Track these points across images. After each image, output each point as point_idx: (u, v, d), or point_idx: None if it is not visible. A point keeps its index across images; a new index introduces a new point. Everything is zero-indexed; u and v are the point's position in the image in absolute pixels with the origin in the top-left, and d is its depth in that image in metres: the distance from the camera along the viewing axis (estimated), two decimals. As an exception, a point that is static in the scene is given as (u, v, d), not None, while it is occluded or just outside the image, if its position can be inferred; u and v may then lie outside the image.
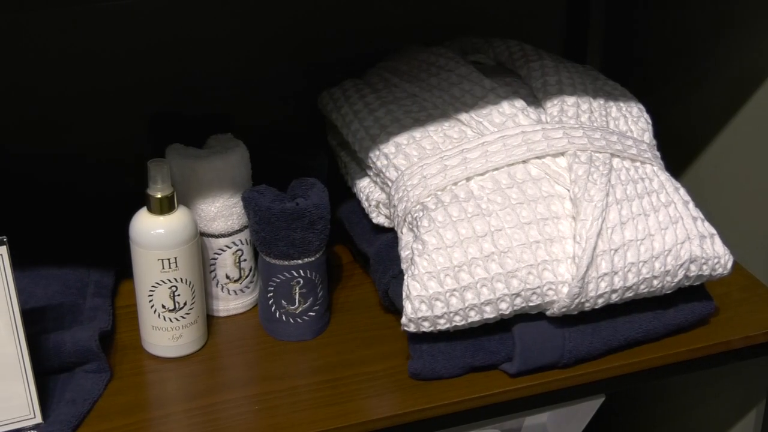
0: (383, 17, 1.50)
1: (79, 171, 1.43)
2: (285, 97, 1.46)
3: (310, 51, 1.48)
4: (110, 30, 1.40)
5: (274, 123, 1.37)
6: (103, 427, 1.10)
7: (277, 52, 1.48)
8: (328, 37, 1.48)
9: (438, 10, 1.53)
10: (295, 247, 1.17)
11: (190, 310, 1.17)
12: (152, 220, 1.14)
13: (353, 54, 1.45)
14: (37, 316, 1.19)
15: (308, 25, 1.47)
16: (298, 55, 1.48)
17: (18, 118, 1.41)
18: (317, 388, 1.16)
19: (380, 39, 1.48)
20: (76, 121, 1.43)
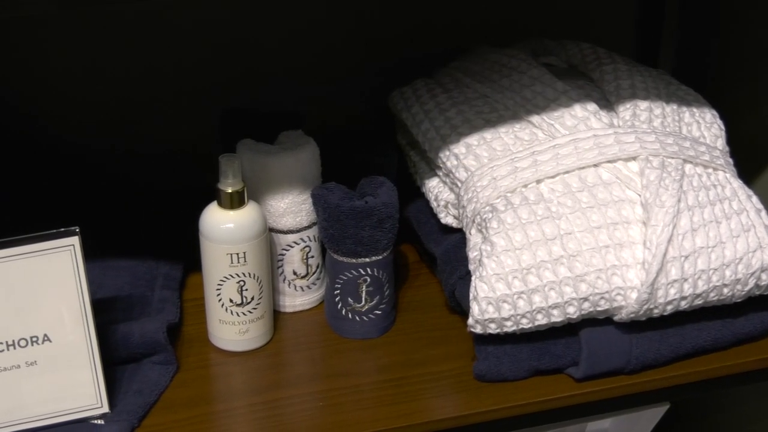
0: (455, 17, 1.50)
1: (151, 164, 1.45)
2: (355, 95, 1.47)
3: (381, 50, 1.48)
4: (187, 25, 1.41)
5: (344, 121, 1.37)
6: (169, 418, 1.11)
7: (349, 51, 1.48)
8: (400, 37, 1.49)
9: (509, 11, 1.52)
10: (363, 245, 1.17)
11: (258, 305, 1.18)
12: (222, 215, 1.14)
13: (424, 53, 1.45)
14: (107, 306, 1.20)
15: (380, 23, 1.48)
16: (369, 54, 1.49)
17: (93, 111, 1.43)
18: (381, 387, 1.16)
19: (452, 39, 1.48)
20: (149, 114, 1.44)
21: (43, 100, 1.41)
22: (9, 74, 1.39)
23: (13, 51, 1.37)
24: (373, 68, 1.48)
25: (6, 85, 1.39)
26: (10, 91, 1.39)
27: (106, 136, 1.44)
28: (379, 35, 1.48)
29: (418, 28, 1.49)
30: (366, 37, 1.48)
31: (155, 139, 1.45)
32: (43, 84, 1.40)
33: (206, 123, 1.37)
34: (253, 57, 1.44)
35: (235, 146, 1.22)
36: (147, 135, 1.45)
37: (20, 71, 1.39)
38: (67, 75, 1.41)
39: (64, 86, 1.41)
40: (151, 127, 1.45)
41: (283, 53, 1.46)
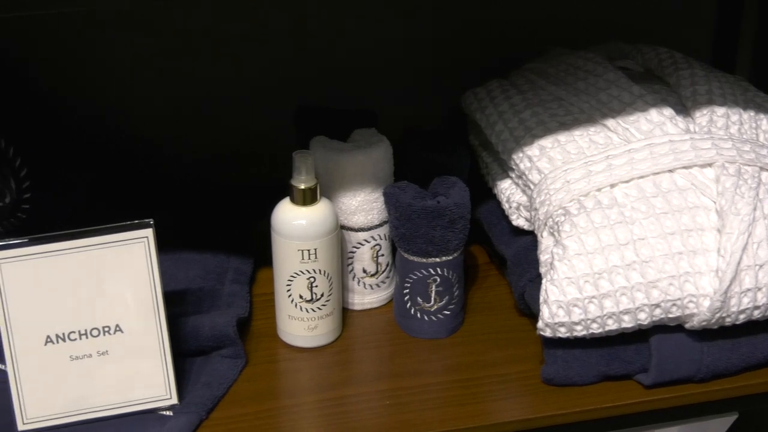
0: (530, 18, 1.50)
1: (226, 160, 1.46)
2: (429, 95, 1.47)
3: (456, 50, 1.48)
4: (263, 23, 1.42)
5: (417, 120, 1.37)
6: (236, 412, 1.12)
7: (422, 50, 1.48)
8: (474, 37, 1.48)
9: (585, 14, 1.51)
10: (433, 245, 1.17)
11: (327, 302, 1.18)
12: (294, 211, 1.15)
13: (499, 54, 1.45)
14: (178, 298, 1.21)
15: (454, 24, 1.48)
16: (443, 54, 1.49)
17: (170, 108, 1.44)
18: (448, 387, 1.15)
19: (527, 41, 1.48)
20: (226, 111, 1.45)
21: (120, 99, 1.43)
22: (85, 72, 1.40)
23: (87, 50, 1.39)
24: (447, 68, 1.48)
25: (82, 83, 1.41)
26: (86, 90, 1.41)
27: (183, 133, 1.45)
28: (454, 36, 1.48)
29: (494, 28, 1.49)
30: (441, 38, 1.48)
31: (231, 135, 1.46)
32: (120, 82, 1.42)
33: (281, 120, 1.38)
34: (328, 55, 1.45)
35: (309, 143, 1.22)
36: (223, 131, 1.46)
37: (97, 70, 1.40)
38: (144, 72, 1.42)
39: (140, 84, 1.43)
40: (228, 123, 1.46)
41: (358, 52, 1.46)
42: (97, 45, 1.39)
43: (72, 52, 1.39)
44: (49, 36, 1.37)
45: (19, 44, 1.33)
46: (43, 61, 1.37)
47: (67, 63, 1.39)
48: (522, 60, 1.38)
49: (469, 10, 1.47)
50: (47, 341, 1.07)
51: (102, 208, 1.28)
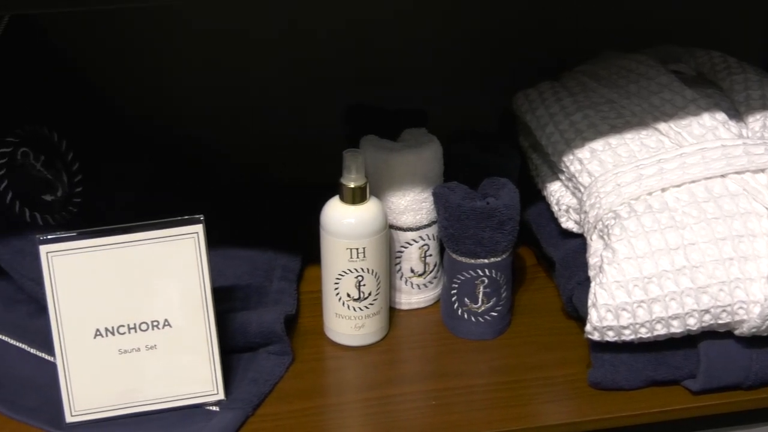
0: (582, 21, 1.49)
1: (276, 157, 1.46)
2: (479, 96, 1.46)
3: (507, 52, 1.48)
4: (316, 20, 1.42)
5: (467, 121, 1.37)
6: (282, 408, 1.12)
7: (475, 52, 1.48)
8: (525, 38, 1.48)
9: (638, 17, 1.51)
10: (482, 246, 1.16)
11: (374, 301, 1.18)
12: (344, 210, 1.15)
13: (551, 56, 1.44)
14: (226, 294, 1.22)
15: (506, 26, 1.47)
16: (495, 55, 1.48)
17: (217, 103, 1.44)
18: (495, 389, 1.15)
19: (578, 43, 1.47)
20: (276, 108, 1.46)
21: (170, 95, 1.43)
22: (136, 67, 1.41)
23: (139, 45, 1.40)
24: (498, 69, 1.48)
25: (133, 78, 1.42)
26: (137, 85, 1.42)
27: (234, 130, 1.46)
28: (506, 37, 1.48)
29: (545, 30, 1.48)
30: (492, 39, 1.47)
31: (281, 132, 1.46)
32: (170, 78, 1.43)
33: (332, 118, 1.38)
34: (380, 54, 1.45)
35: (359, 142, 1.22)
36: (274, 128, 1.46)
37: (148, 65, 1.41)
38: (194, 69, 1.43)
39: (190, 80, 1.43)
40: (279, 120, 1.46)
41: (409, 51, 1.46)
42: (148, 40, 1.40)
43: (124, 46, 1.40)
44: (100, 30, 1.38)
45: (70, 38, 1.34)
46: (94, 55, 1.37)
47: (119, 57, 1.40)
48: (574, 62, 1.38)
49: (521, 12, 1.47)
50: (96, 334, 1.07)
51: (152, 203, 1.28)
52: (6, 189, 1.19)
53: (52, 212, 1.22)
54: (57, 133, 1.24)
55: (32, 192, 1.21)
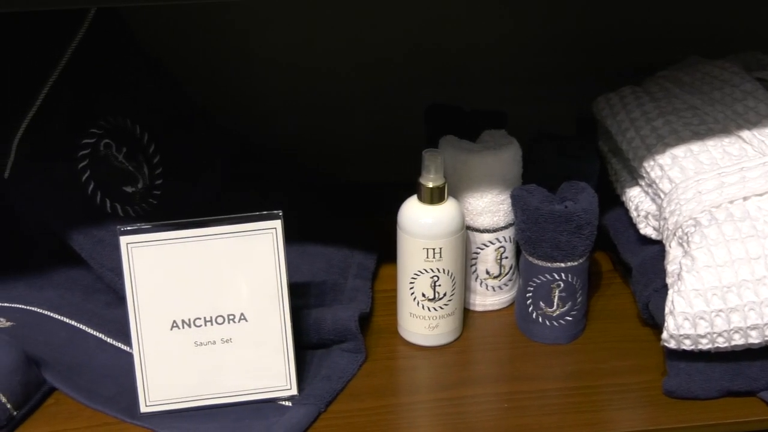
0: (666, 26, 1.48)
1: (355, 156, 1.46)
2: (560, 99, 1.46)
3: (590, 54, 1.47)
4: (397, 20, 1.42)
5: (546, 123, 1.36)
6: (354, 406, 1.12)
7: (556, 55, 1.47)
8: (609, 42, 1.47)
9: (722, 23, 1.49)
10: (559, 250, 1.16)
11: (449, 302, 1.18)
12: (421, 209, 1.15)
13: (633, 61, 1.43)
14: (301, 290, 1.23)
15: (590, 28, 1.46)
16: (576, 58, 1.47)
17: (296, 100, 1.45)
18: (567, 394, 1.15)
19: (661, 48, 1.46)
20: (353, 106, 1.46)
21: (250, 91, 1.44)
22: (217, 62, 1.42)
23: (221, 40, 1.41)
24: (579, 72, 1.47)
25: (214, 73, 1.43)
26: (217, 79, 1.43)
27: (313, 127, 1.47)
28: (589, 40, 1.47)
29: (628, 35, 1.47)
30: (575, 42, 1.47)
31: (360, 130, 1.47)
32: (250, 74, 1.44)
33: (411, 117, 1.38)
34: (460, 54, 1.45)
35: (438, 142, 1.22)
36: (353, 127, 1.47)
37: (228, 60, 1.43)
38: (273, 65, 1.44)
39: (269, 77, 1.44)
40: (358, 119, 1.47)
41: (490, 52, 1.46)
42: (228, 37, 1.41)
43: (205, 42, 1.41)
44: (182, 25, 1.39)
45: (153, 32, 1.35)
46: (176, 49, 1.39)
47: (200, 52, 1.41)
48: (656, 67, 1.37)
49: (605, 15, 1.46)
50: (173, 326, 1.08)
51: (230, 197, 1.29)
52: (88, 180, 1.21)
53: (133, 204, 1.24)
54: (139, 126, 1.25)
55: (113, 183, 1.23)
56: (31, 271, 1.28)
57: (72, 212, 1.20)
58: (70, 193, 1.20)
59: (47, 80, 1.18)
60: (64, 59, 1.19)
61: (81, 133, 1.21)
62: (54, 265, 1.28)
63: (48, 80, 1.18)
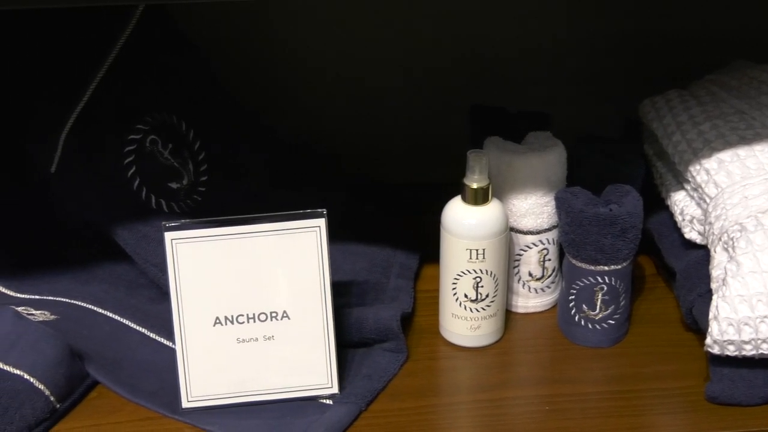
0: (712, 30, 1.47)
1: (395, 155, 1.47)
2: (605, 100, 1.45)
3: (636, 57, 1.47)
4: (442, 21, 1.42)
5: (590, 125, 1.36)
6: (395, 406, 1.12)
7: (602, 57, 1.47)
8: (656, 45, 1.46)
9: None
10: (603, 253, 1.15)
11: (491, 303, 1.18)
12: (465, 210, 1.15)
13: (680, 64, 1.43)
14: (343, 289, 1.23)
15: (636, 31, 1.46)
16: (622, 60, 1.47)
17: (342, 100, 1.46)
18: (608, 398, 1.14)
19: (708, 52, 1.45)
20: (397, 106, 1.46)
21: (297, 90, 1.45)
22: (263, 59, 1.43)
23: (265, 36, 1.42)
24: (625, 75, 1.47)
25: (260, 70, 1.43)
26: (264, 76, 1.43)
27: (359, 128, 1.47)
28: (634, 43, 1.46)
29: (676, 38, 1.46)
30: (621, 44, 1.46)
31: (404, 131, 1.47)
32: (297, 71, 1.44)
33: (455, 118, 1.38)
34: (507, 56, 1.45)
35: (483, 143, 1.22)
36: (396, 127, 1.47)
37: (274, 57, 1.43)
38: (320, 64, 1.44)
39: (316, 75, 1.45)
40: (401, 119, 1.47)
41: (535, 54, 1.46)
42: (274, 35, 1.42)
43: (252, 40, 1.42)
44: (229, 24, 1.40)
45: (196, 27, 1.36)
46: (222, 47, 1.39)
47: (246, 51, 1.42)
48: (703, 71, 1.36)
49: (652, 18, 1.46)
50: (216, 322, 1.09)
51: (274, 195, 1.30)
52: (133, 175, 1.22)
53: (177, 200, 1.24)
54: (185, 122, 1.26)
55: (159, 179, 1.23)
56: (75, 266, 1.29)
57: (117, 207, 1.21)
58: (116, 188, 1.21)
59: (95, 76, 1.19)
60: (112, 55, 1.20)
61: (127, 129, 1.22)
62: (98, 259, 1.29)
63: (96, 76, 1.19)
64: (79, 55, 1.21)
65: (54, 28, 1.21)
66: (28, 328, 1.10)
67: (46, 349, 1.09)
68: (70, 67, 1.20)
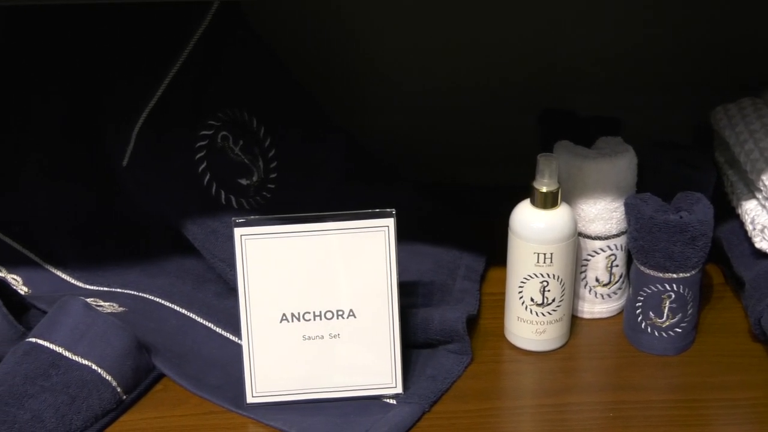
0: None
1: (466, 156, 1.47)
2: (676, 106, 1.44)
3: (709, 64, 1.46)
4: (512, 23, 1.42)
5: (661, 131, 1.35)
6: (459, 408, 1.12)
7: (673, 62, 1.46)
8: (729, 53, 1.45)
9: None
10: (672, 261, 1.14)
11: (557, 307, 1.17)
12: (534, 214, 1.15)
13: (753, 72, 1.41)
14: (409, 289, 1.23)
15: (708, 38, 1.45)
16: (694, 67, 1.46)
17: (411, 102, 1.46)
18: (673, 406, 1.13)
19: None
20: (468, 108, 1.46)
21: (365, 90, 1.45)
22: (334, 58, 1.43)
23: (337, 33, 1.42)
24: (697, 82, 1.46)
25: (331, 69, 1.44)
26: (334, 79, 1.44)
27: (429, 129, 1.47)
28: (707, 49, 1.45)
29: (749, 46, 1.45)
30: (693, 51, 1.45)
31: (474, 133, 1.47)
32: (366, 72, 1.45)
33: (524, 121, 1.38)
34: (578, 60, 1.44)
35: (552, 147, 1.22)
36: (466, 130, 1.47)
37: (345, 56, 1.44)
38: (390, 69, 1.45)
39: (388, 80, 1.45)
40: (471, 121, 1.47)
41: (606, 59, 1.45)
42: (350, 35, 1.42)
43: (327, 38, 1.42)
44: (306, 21, 1.41)
45: (272, 27, 1.37)
46: (293, 45, 1.40)
47: (321, 49, 1.42)
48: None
49: (724, 26, 1.44)
50: (282, 319, 1.09)
51: (343, 194, 1.30)
52: (204, 171, 1.22)
53: (247, 196, 1.25)
54: (256, 119, 1.27)
55: (229, 175, 1.24)
56: (144, 259, 1.30)
57: (187, 202, 1.22)
58: (186, 183, 1.22)
59: (169, 71, 1.20)
60: (187, 51, 1.21)
61: (199, 125, 1.23)
62: (167, 253, 1.30)
63: (170, 71, 1.20)
64: (154, 50, 1.22)
65: (133, 21, 1.22)
66: (97, 320, 1.12)
67: (114, 340, 1.11)
68: (145, 62, 1.21)
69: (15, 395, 1.06)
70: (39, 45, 1.27)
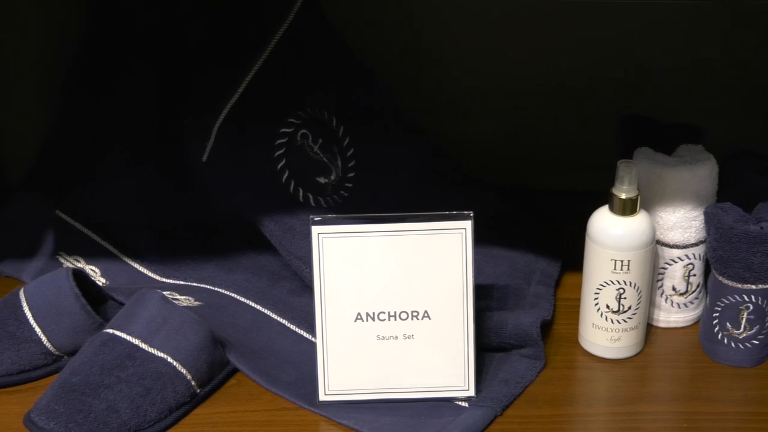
0: None
1: (545, 161, 1.46)
2: (758, 116, 1.43)
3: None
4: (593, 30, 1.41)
5: (742, 141, 1.34)
6: (531, 413, 1.12)
7: (756, 71, 1.44)
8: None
9: None
10: (751, 272, 1.13)
11: (633, 315, 1.17)
12: (612, 220, 1.14)
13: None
14: (484, 292, 1.23)
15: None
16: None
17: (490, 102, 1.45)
18: (749, 419, 1.12)
19: None
20: (547, 112, 1.46)
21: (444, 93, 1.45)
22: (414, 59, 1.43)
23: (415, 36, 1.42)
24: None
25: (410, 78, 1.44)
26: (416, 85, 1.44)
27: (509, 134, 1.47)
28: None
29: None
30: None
31: (553, 138, 1.46)
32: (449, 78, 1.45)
33: (604, 127, 1.37)
34: (659, 67, 1.43)
35: (633, 153, 1.21)
36: (546, 134, 1.46)
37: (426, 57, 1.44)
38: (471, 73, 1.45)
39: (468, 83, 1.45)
40: (551, 126, 1.46)
41: (688, 66, 1.44)
42: (430, 39, 1.42)
43: (407, 41, 1.42)
44: (386, 23, 1.41)
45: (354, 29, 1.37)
46: (375, 47, 1.40)
47: (400, 52, 1.42)
48: None
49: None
50: (357, 318, 1.10)
51: (421, 194, 1.30)
52: (283, 168, 1.23)
53: (325, 195, 1.26)
54: (335, 118, 1.27)
55: (307, 173, 1.25)
56: (220, 254, 1.31)
57: (265, 199, 1.23)
58: (265, 180, 1.23)
59: (251, 69, 1.21)
60: (269, 49, 1.21)
61: (279, 123, 1.23)
62: (243, 249, 1.31)
63: (251, 69, 1.21)
64: (237, 46, 1.23)
65: (218, 16, 1.23)
66: (173, 313, 1.13)
67: (189, 334, 1.11)
68: (227, 59, 1.22)
69: (91, 385, 1.07)
70: (126, 37, 1.28)
